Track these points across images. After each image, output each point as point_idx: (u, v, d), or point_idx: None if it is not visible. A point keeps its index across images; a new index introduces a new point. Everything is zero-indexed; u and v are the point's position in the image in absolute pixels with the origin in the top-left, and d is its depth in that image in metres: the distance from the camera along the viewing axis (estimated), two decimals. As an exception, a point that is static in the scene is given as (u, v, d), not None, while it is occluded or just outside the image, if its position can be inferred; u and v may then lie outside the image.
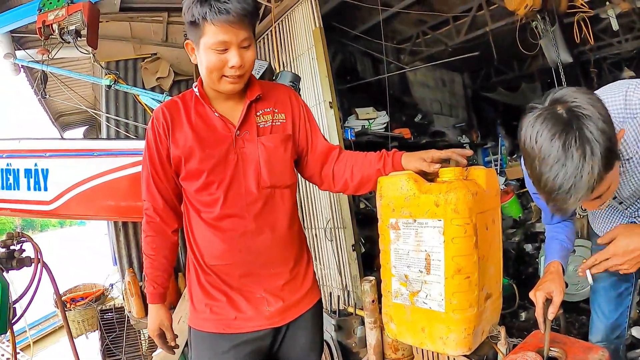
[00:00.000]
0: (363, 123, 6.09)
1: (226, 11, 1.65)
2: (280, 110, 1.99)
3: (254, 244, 1.89)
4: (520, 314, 4.37)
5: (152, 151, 1.90)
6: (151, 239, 1.97)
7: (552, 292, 1.76)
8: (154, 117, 1.92)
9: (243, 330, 1.89)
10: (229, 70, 1.76)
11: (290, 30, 4.94)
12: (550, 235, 2.10)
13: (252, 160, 1.88)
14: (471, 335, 1.55)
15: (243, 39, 1.74)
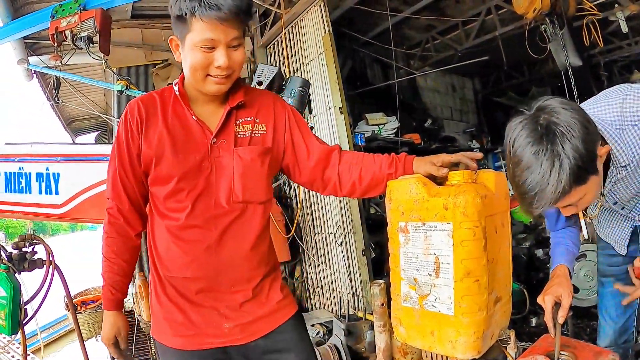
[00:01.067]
0: (373, 128, 6.10)
1: (217, 7, 1.55)
2: (261, 121, 1.86)
3: (217, 260, 1.76)
4: (531, 319, 4.34)
5: (122, 147, 1.78)
6: (112, 240, 1.83)
7: (561, 296, 1.75)
8: (127, 111, 1.79)
9: (202, 347, 1.78)
10: (214, 70, 1.66)
11: (300, 37, 4.97)
12: (555, 241, 2.09)
13: (226, 172, 1.76)
14: (480, 339, 1.55)
15: (233, 38, 1.63)
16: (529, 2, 4.68)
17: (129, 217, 1.83)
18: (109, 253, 1.83)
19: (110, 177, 1.83)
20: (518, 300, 3.68)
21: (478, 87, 10.02)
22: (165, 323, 1.81)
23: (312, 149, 1.90)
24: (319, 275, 5.21)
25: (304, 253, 5.37)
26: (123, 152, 1.78)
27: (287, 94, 3.03)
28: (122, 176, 1.79)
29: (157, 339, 1.84)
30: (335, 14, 5.54)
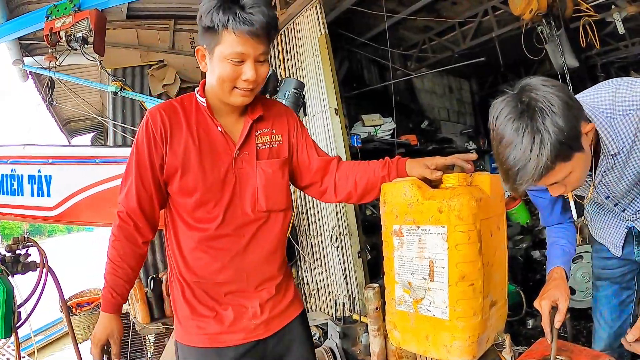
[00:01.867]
0: (369, 130, 6.10)
1: (250, 22, 1.59)
2: (277, 131, 1.94)
3: (245, 264, 1.84)
4: (528, 321, 4.34)
5: (142, 155, 1.78)
6: (119, 244, 1.81)
7: (558, 300, 1.74)
8: (149, 119, 1.79)
9: (229, 344, 1.83)
10: (241, 83, 1.70)
11: (296, 38, 4.96)
12: (551, 241, 2.08)
13: (249, 184, 1.83)
14: (475, 343, 1.53)
15: (261, 53, 1.68)
16: (525, 3, 4.67)
17: (139, 224, 1.82)
18: (114, 256, 1.81)
19: (126, 184, 1.82)
20: (515, 302, 3.67)
21: (475, 88, 10.03)
22: (193, 324, 1.85)
23: (313, 158, 1.99)
24: (315, 277, 5.20)
25: (299, 255, 5.36)
26: (144, 160, 1.78)
27: (282, 95, 3.01)
28: (138, 185, 1.79)
29: (180, 340, 1.88)
30: (331, 15, 5.54)
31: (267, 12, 1.63)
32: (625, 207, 1.97)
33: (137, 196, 1.79)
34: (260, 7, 1.61)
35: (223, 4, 1.61)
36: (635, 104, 1.57)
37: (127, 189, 1.81)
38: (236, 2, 1.61)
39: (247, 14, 1.59)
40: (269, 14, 1.63)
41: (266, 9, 1.63)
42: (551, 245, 2.07)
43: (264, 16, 1.61)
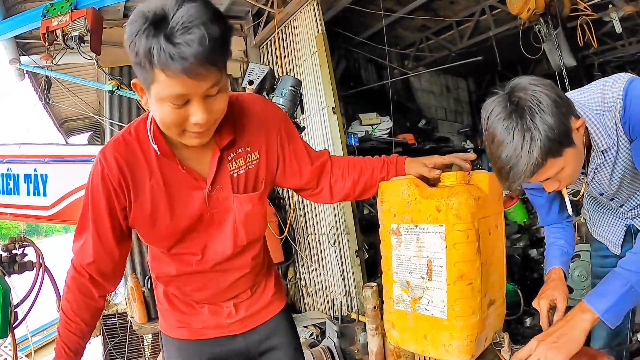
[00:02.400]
0: (367, 129, 6.10)
1: (181, 58, 1.17)
2: (254, 148, 1.67)
3: (221, 284, 1.80)
4: (526, 320, 4.33)
5: (98, 207, 1.56)
6: (73, 296, 1.65)
7: (556, 299, 1.74)
8: (104, 166, 1.52)
9: (206, 337, 1.85)
10: (192, 127, 1.36)
11: (293, 36, 4.96)
12: (549, 242, 2.09)
13: (227, 220, 1.67)
14: (474, 342, 1.53)
15: (210, 87, 1.30)
16: (523, 3, 4.67)
17: (97, 278, 1.65)
18: (67, 310, 1.65)
19: (81, 236, 1.62)
20: (512, 301, 3.66)
21: (472, 87, 10.03)
22: (174, 317, 1.86)
23: (303, 164, 1.79)
24: (312, 277, 5.20)
25: (297, 254, 5.36)
26: (100, 213, 1.57)
27: (279, 93, 3.00)
28: (95, 241, 1.59)
29: (163, 331, 1.91)
30: (328, 14, 5.53)
31: (205, 33, 1.19)
32: (623, 203, 1.98)
33: (93, 252, 1.60)
34: (193, 30, 1.18)
35: (146, 30, 1.19)
36: (615, 99, 1.60)
37: (83, 242, 1.61)
38: (161, 27, 1.18)
39: (175, 45, 1.17)
40: (208, 35, 1.19)
41: (202, 30, 1.19)
42: (550, 246, 2.07)
43: (201, 43, 1.18)
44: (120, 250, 1.65)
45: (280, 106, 2.96)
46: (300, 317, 4.89)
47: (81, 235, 1.62)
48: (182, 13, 1.19)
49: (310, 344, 3.86)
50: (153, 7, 1.21)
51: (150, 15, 1.20)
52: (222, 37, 1.25)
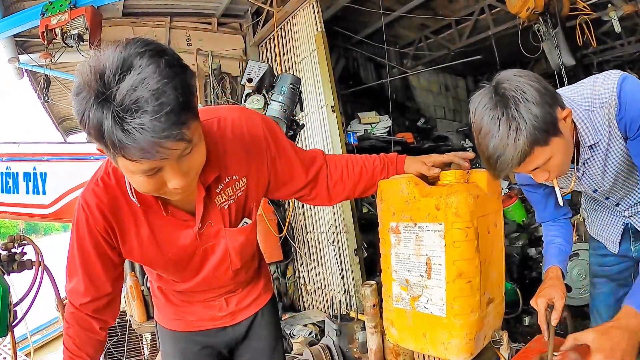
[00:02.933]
0: (366, 127, 6.10)
1: (138, 146, 1.04)
2: (240, 175, 1.58)
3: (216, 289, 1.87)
4: (524, 319, 4.34)
5: (87, 253, 1.52)
6: (74, 331, 1.63)
7: (554, 298, 1.74)
8: (87, 214, 1.46)
9: (199, 329, 1.92)
10: (169, 192, 1.28)
11: (292, 35, 4.96)
12: (547, 240, 2.09)
13: (220, 251, 1.66)
14: (473, 341, 1.53)
15: (181, 152, 1.15)
16: (522, 2, 4.68)
17: (95, 315, 1.63)
18: (70, 345, 1.63)
19: (71, 280, 1.59)
20: (511, 300, 3.67)
21: (471, 86, 10.01)
22: (169, 310, 1.93)
23: (296, 173, 1.73)
24: (311, 275, 5.20)
25: (296, 253, 5.36)
26: (91, 259, 1.53)
27: (278, 91, 3.00)
28: (87, 283, 1.57)
29: (159, 322, 1.99)
30: (328, 12, 5.53)
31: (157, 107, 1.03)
32: (619, 202, 1.98)
33: (87, 293, 1.58)
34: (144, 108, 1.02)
35: (92, 107, 1.05)
36: (608, 96, 1.60)
37: (75, 285, 1.58)
38: (106, 103, 1.03)
39: (126, 134, 1.03)
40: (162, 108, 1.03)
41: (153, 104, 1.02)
42: (547, 244, 2.08)
43: (155, 121, 1.03)
44: (114, 286, 1.63)
45: (280, 104, 2.96)
46: (300, 316, 4.90)
47: (72, 278, 1.59)
48: (127, 84, 1.02)
49: (310, 342, 3.85)
50: (93, 73, 1.06)
51: (92, 85, 1.05)
52: (182, 97, 1.07)
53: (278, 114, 2.95)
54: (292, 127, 3.07)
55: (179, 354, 1.96)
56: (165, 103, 1.03)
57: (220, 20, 5.78)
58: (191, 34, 5.64)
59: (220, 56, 5.63)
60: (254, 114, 1.68)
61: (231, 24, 5.89)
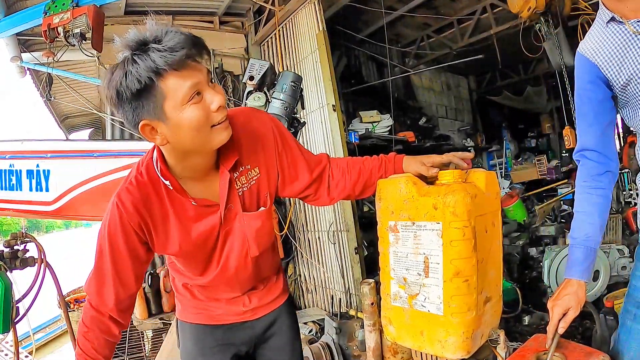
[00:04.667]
0: (367, 126, 6.10)
1: (180, 48, 1.32)
2: (253, 164, 1.72)
3: (238, 285, 1.92)
4: (524, 318, 4.34)
5: (119, 251, 1.61)
6: (93, 335, 1.67)
7: (569, 309, 1.69)
8: (121, 211, 1.58)
9: (221, 322, 1.97)
10: (216, 116, 1.44)
11: (293, 34, 4.97)
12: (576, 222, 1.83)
13: (239, 236, 1.74)
14: (470, 339, 1.54)
15: (207, 73, 1.44)
16: (524, 1, 4.67)
17: (114, 316, 1.68)
18: (88, 349, 1.67)
19: (99, 282, 1.65)
20: (511, 299, 3.68)
21: (473, 85, 10.04)
22: (192, 304, 1.98)
23: (302, 172, 1.82)
24: (312, 273, 5.21)
25: (296, 251, 5.37)
26: (122, 257, 1.62)
27: (279, 89, 3.01)
28: (116, 284, 1.63)
29: (180, 318, 2.04)
30: (329, 11, 5.53)
31: (181, 32, 1.36)
32: None
33: (115, 295, 1.65)
34: (171, 31, 1.35)
35: (136, 54, 1.33)
36: None
37: (104, 287, 1.64)
38: (146, 46, 1.33)
39: (167, 46, 1.32)
40: (182, 32, 1.36)
41: (177, 30, 1.36)
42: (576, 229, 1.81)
43: (184, 35, 1.35)
44: (138, 285, 1.72)
45: (281, 102, 2.97)
46: (300, 314, 4.91)
47: (100, 280, 1.65)
48: (152, 31, 1.34)
49: (310, 340, 3.87)
50: (126, 43, 1.36)
51: (130, 47, 1.35)
52: (199, 41, 1.40)
53: (279, 112, 2.96)
54: (293, 125, 3.08)
55: (199, 349, 2.00)
56: (185, 34, 1.36)
57: (222, 18, 5.79)
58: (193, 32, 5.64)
59: (222, 55, 5.64)
60: (263, 113, 1.83)
61: (233, 23, 5.89)
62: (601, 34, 1.69)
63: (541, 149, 9.69)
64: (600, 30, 1.71)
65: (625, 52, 1.62)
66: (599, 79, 1.71)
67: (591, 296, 3.77)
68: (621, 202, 5.30)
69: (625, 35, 1.62)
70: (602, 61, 1.68)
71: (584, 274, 1.75)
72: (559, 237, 5.01)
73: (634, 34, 1.59)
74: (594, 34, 1.73)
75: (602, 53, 1.68)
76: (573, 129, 5.00)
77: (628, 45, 1.61)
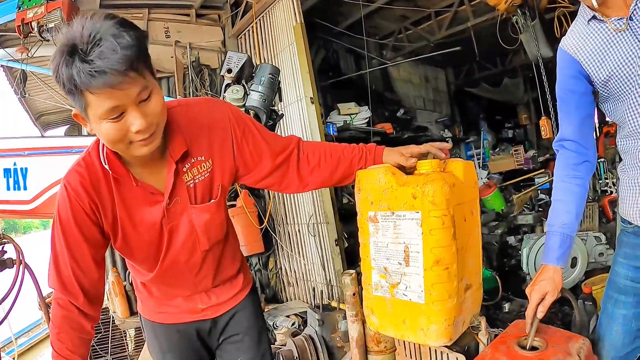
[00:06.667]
0: (345, 118, 6.11)
1: (101, 72, 1.23)
2: (207, 157, 1.69)
3: (193, 281, 1.88)
4: (504, 305, 4.39)
5: (73, 236, 1.57)
6: (67, 336, 1.63)
7: (547, 293, 1.74)
8: (70, 193, 1.56)
9: (182, 321, 1.94)
10: (135, 136, 1.39)
11: (271, 26, 4.95)
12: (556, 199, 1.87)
13: (187, 230, 1.72)
14: (452, 326, 1.56)
15: (139, 93, 1.34)
16: (501, -7, 4.71)
17: (85, 310, 1.64)
18: (63, 350, 1.62)
19: (58, 268, 1.61)
20: (491, 287, 3.71)
21: (451, 77, 10.09)
22: (151, 303, 1.96)
23: (264, 157, 1.77)
24: (293, 266, 5.22)
25: (277, 244, 5.37)
26: (75, 237, 1.58)
27: (257, 81, 2.99)
28: (73, 266, 1.59)
29: (142, 315, 2.02)
30: (307, 3, 5.52)
31: (115, 42, 1.26)
32: None
33: (78, 284, 1.61)
34: (103, 43, 1.25)
35: (64, 61, 1.27)
36: None
37: (59, 273, 1.61)
38: (74, 53, 1.25)
39: (90, 63, 1.23)
40: (118, 44, 1.26)
41: (111, 40, 1.25)
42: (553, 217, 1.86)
43: (114, 52, 1.24)
44: (100, 272, 1.67)
45: (259, 94, 2.96)
46: (282, 307, 4.92)
47: (57, 267, 1.61)
48: (88, 32, 1.25)
49: (293, 333, 3.88)
50: (65, 39, 1.28)
51: (64, 47, 1.27)
52: (136, 43, 1.30)
53: (258, 104, 2.94)
54: (271, 117, 3.06)
55: (162, 344, 2.00)
56: (121, 42, 1.26)
57: (199, 11, 5.73)
58: (169, 25, 5.58)
59: (199, 48, 5.59)
60: (220, 102, 1.81)
61: (210, 16, 5.84)
62: (583, 31, 1.73)
63: (518, 140, 9.80)
64: (582, 27, 1.74)
65: (606, 50, 1.66)
66: (580, 74, 1.76)
67: (569, 283, 3.84)
68: (597, 191, 5.40)
69: (606, 33, 1.66)
70: (583, 58, 1.72)
71: (560, 260, 1.80)
72: (537, 225, 5.09)
73: (614, 32, 1.63)
74: (576, 31, 1.77)
75: (583, 50, 1.72)
76: (549, 119, 5.06)
77: (609, 43, 1.66)
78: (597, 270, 4.04)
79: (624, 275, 1.87)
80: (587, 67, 1.73)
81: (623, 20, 1.60)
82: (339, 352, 3.38)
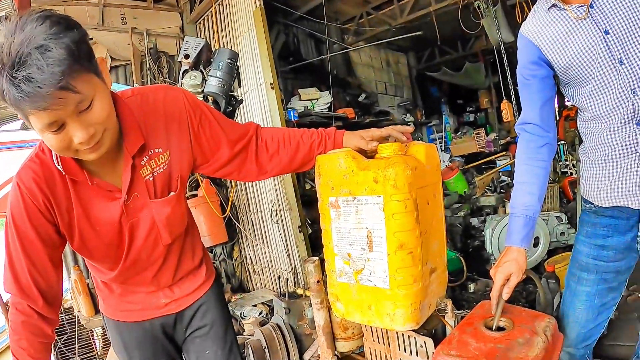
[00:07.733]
0: (306, 104, 6.07)
1: (28, 97, 1.14)
2: (164, 148, 1.62)
3: (154, 275, 1.83)
4: (469, 286, 4.45)
5: (25, 231, 1.50)
6: (27, 343, 1.56)
7: (511, 274, 1.76)
8: (22, 191, 1.47)
9: (146, 317, 1.90)
10: (79, 146, 1.31)
11: (230, 11, 4.86)
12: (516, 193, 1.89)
13: (148, 225, 1.66)
14: (418, 310, 1.56)
15: (77, 104, 1.24)
16: (463, -21, 4.73)
17: (44, 313, 1.58)
18: (24, 358, 1.56)
19: (13, 270, 1.53)
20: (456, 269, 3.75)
21: (412, 62, 10.11)
22: (112, 301, 1.90)
23: (222, 147, 1.73)
24: (258, 255, 5.20)
25: (241, 233, 5.33)
26: (29, 237, 1.50)
27: (215, 66, 2.93)
28: (30, 269, 1.52)
29: (104, 313, 1.96)
30: (266, -12, 5.44)
31: (41, 61, 1.14)
32: None
33: (33, 283, 1.54)
34: (29, 62, 1.14)
35: None
36: None
37: (17, 276, 1.53)
38: (3, 69, 1.15)
39: (17, 87, 1.14)
40: (45, 61, 1.14)
41: (37, 58, 1.14)
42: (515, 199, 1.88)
43: (40, 73, 1.14)
44: (57, 273, 1.61)
45: (218, 80, 2.90)
46: (249, 296, 4.89)
47: (14, 270, 1.54)
48: (15, 48, 1.14)
49: (261, 322, 3.86)
50: None
51: None
52: (67, 54, 1.17)
53: (216, 90, 2.88)
54: (230, 103, 3.00)
55: (127, 343, 1.94)
56: (50, 57, 1.14)
57: (156, -3, 5.61)
58: (125, 12, 5.42)
59: (157, 35, 5.45)
60: (176, 90, 1.71)
61: (167, 1, 5.70)
62: (543, 18, 1.75)
63: (479, 123, 9.94)
64: (542, 14, 1.76)
65: (567, 37, 1.68)
66: (540, 59, 1.79)
67: (533, 262, 3.92)
68: (558, 173, 5.52)
69: (566, 20, 1.68)
70: (544, 44, 1.75)
71: (523, 241, 1.82)
72: (499, 206, 5.15)
73: (575, 20, 1.65)
74: (537, 17, 1.79)
75: (544, 37, 1.74)
76: (510, 103, 5.13)
77: (570, 30, 1.68)
78: (560, 249, 4.15)
79: (586, 253, 1.92)
80: (547, 54, 1.75)
81: (584, 7, 1.62)
82: (307, 339, 3.37)
